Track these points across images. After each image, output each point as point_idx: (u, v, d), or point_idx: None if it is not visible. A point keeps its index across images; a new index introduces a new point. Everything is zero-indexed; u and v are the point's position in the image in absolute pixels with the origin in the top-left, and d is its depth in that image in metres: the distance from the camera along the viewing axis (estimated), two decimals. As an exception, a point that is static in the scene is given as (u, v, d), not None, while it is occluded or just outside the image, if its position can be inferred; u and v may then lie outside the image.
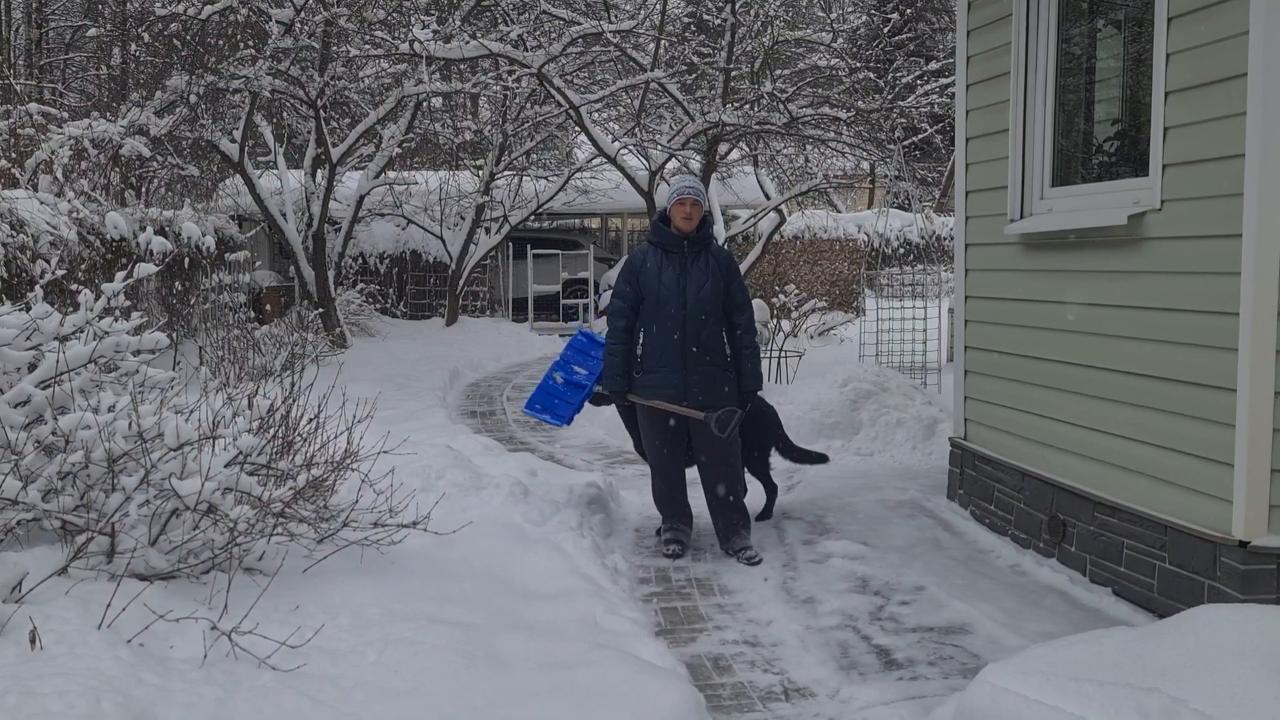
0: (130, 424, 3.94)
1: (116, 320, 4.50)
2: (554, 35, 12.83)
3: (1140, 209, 4.65)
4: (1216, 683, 2.81)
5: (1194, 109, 4.35)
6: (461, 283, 17.42)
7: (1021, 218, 5.66)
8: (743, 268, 10.87)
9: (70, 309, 4.47)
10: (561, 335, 17.80)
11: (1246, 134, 4.04)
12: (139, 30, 12.54)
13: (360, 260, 18.62)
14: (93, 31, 12.76)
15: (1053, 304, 5.41)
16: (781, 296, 12.29)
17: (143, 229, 8.20)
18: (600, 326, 18.34)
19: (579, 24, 12.01)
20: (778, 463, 7.51)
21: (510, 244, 19.19)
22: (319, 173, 14.96)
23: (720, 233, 15.74)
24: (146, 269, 4.61)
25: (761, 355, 6.55)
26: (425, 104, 15.51)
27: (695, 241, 5.57)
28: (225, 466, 4.02)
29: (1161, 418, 4.59)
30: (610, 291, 19.89)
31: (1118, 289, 4.88)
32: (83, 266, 8.05)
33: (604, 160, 13.94)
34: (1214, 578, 4.24)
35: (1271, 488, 4.04)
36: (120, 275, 4.57)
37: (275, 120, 16.13)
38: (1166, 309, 4.56)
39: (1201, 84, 4.29)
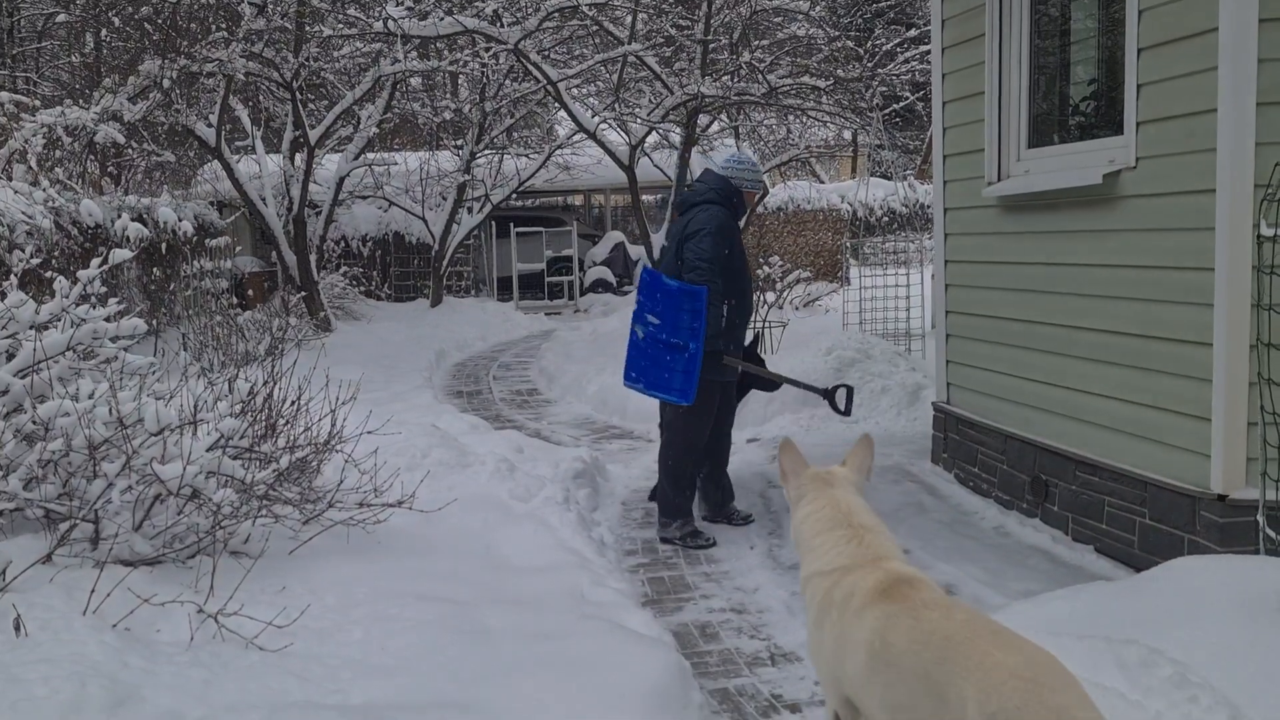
0: (110, 410, 3.93)
1: (94, 307, 4.47)
2: (530, 10, 12.73)
3: (1115, 167, 4.66)
4: (1192, 632, 2.85)
5: (1166, 65, 4.35)
6: (445, 263, 17.35)
7: (999, 180, 5.67)
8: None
9: (47, 297, 4.44)
10: (548, 314, 17.79)
11: (1219, 88, 4.04)
12: (110, 15, 12.40)
13: (343, 243, 18.53)
14: (62, 18, 12.58)
15: (1032, 265, 5.43)
16: (766, 268, 12.29)
17: (119, 216, 8.14)
18: (585, 304, 18.35)
19: (554, -2, 11.92)
20: (764, 432, 7.55)
21: (493, 223, 19.12)
22: (297, 156, 14.84)
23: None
24: (122, 255, 4.57)
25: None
26: (403, 84, 15.40)
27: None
28: (207, 450, 4.02)
29: (1140, 375, 4.62)
30: (596, 267, 19.58)
31: (1096, 248, 4.89)
32: (55, 254, 7.99)
33: (585, 136, 13.87)
34: (1193, 532, 4.28)
35: (1249, 441, 4.07)
36: (96, 262, 4.54)
37: (252, 104, 15.98)
38: (1143, 266, 4.58)
39: (1173, 39, 4.29)
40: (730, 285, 5.39)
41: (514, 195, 17.88)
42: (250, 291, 15.25)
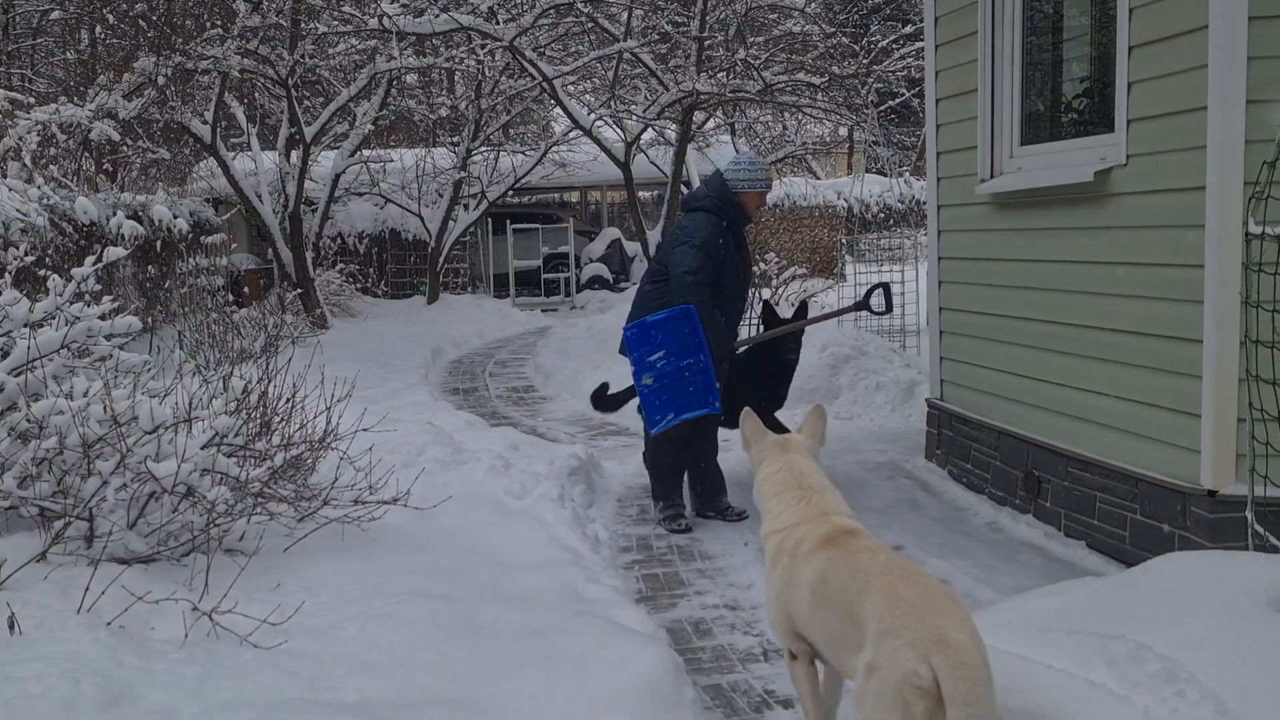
0: (105, 408, 3.94)
1: (88, 305, 4.48)
2: (525, 7, 12.72)
3: (1107, 165, 4.68)
4: (1181, 628, 2.87)
5: (1157, 63, 4.36)
6: (442, 260, 17.35)
7: (992, 177, 5.69)
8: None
9: (42, 295, 4.45)
10: (544, 311, 17.79)
11: (1209, 86, 4.06)
12: (105, 12, 12.38)
13: (339, 240, 18.51)
14: (57, 14, 12.56)
15: (1025, 262, 5.45)
16: (762, 265, 12.30)
17: (114, 213, 8.14)
18: (583, 300, 18.34)
19: (550, -5, 11.90)
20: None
21: (490, 220, 19.11)
22: (293, 153, 14.83)
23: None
24: (116, 253, 4.58)
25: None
26: (399, 80, 15.38)
27: (748, 221, 5.74)
28: (202, 448, 4.03)
29: (1132, 371, 4.64)
30: (592, 264, 19.61)
31: (1088, 245, 4.91)
32: (49, 252, 7.98)
33: (581, 133, 13.87)
34: (1183, 527, 4.30)
35: (1238, 437, 4.09)
36: (90, 260, 4.55)
37: (247, 101, 15.97)
38: (1134, 263, 4.59)
39: (1163, 37, 4.31)
40: (714, 294, 5.41)
41: (510, 192, 17.88)
42: (246, 289, 15.24)
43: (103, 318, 4.44)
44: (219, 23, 11.89)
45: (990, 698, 2.35)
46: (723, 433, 5.86)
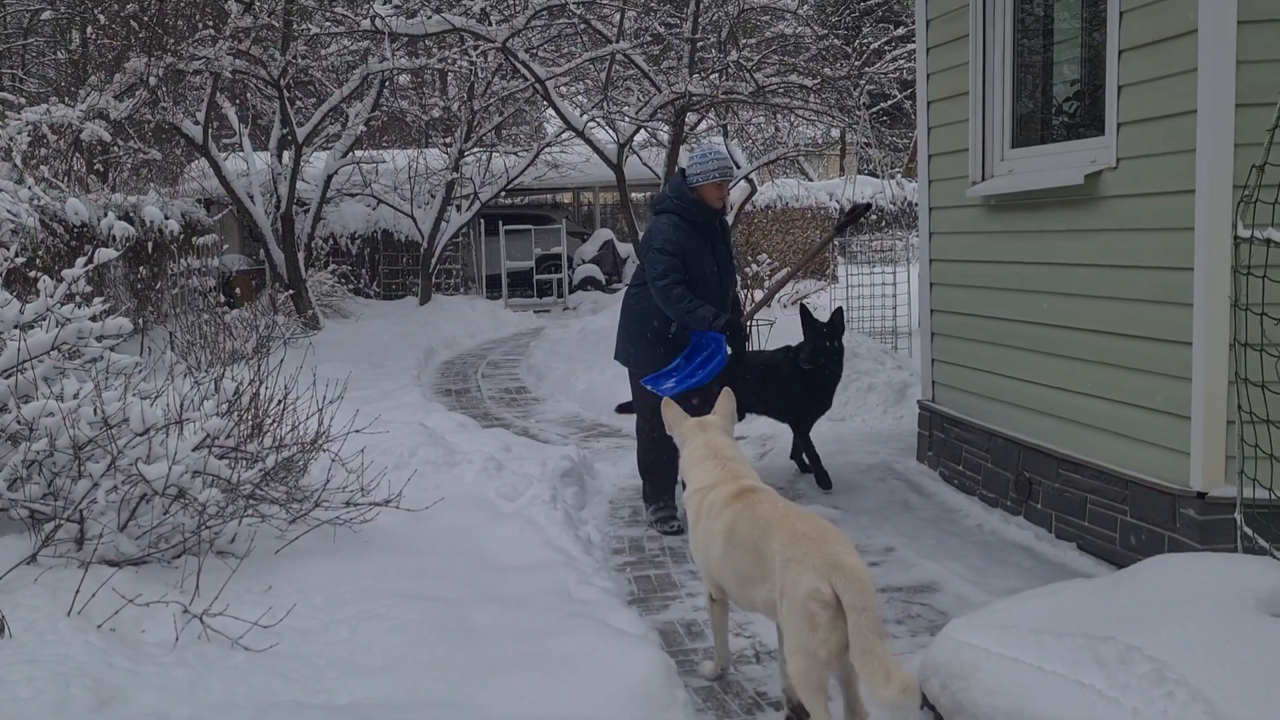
0: (95, 410, 3.93)
1: (79, 306, 4.47)
2: (518, 8, 12.72)
3: (1097, 168, 4.69)
4: (1170, 629, 2.87)
5: (1147, 66, 4.38)
6: (434, 261, 17.33)
7: (983, 180, 5.70)
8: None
9: (32, 296, 4.43)
10: (537, 312, 17.78)
11: (1198, 90, 4.08)
12: (96, 12, 12.34)
13: (331, 241, 18.48)
14: (48, 14, 12.51)
15: (1015, 264, 5.46)
16: (754, 266, 12.32)
17: (106, 214, 8.11)
18: (576, 301, 18.33)
19: (542, -4, 11.91)
20: (750, 430, 7.55)
21: (482, 221, 19.10)
22: (285, 154, 14.80)
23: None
24: (107, 254, 4.57)
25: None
26: (391, 81, 15.36)
27: (719, 214, 5.65)
28: (193, 450, 4.02)
29: (1122, 374, 4.66)
30: (585, 265, 19.53)
31: (1078, 248, 4.93)
32: (40, 253, 7.95)
33: (573, 134, 13.87)
34: (1173, 529, 4.32)
35: (1227, 439, 4.11)
36: (80, 261, 4.53)
37: (239, 101, 15.93)
38: (1125, 266, 4.61)
39: (1153, 41, 4.33)
40: (691, 289, 5.40)
41: (503, 193, 17.87)
42: (238, 290, 15.20)
43: (94, 319, 4.43)
44: (211, 23, 11.85)
45: (876, 607, 2.90)
46: (755, 436, 5.90)
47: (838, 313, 6.30)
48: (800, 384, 6.25)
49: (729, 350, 5.48)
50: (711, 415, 3.97)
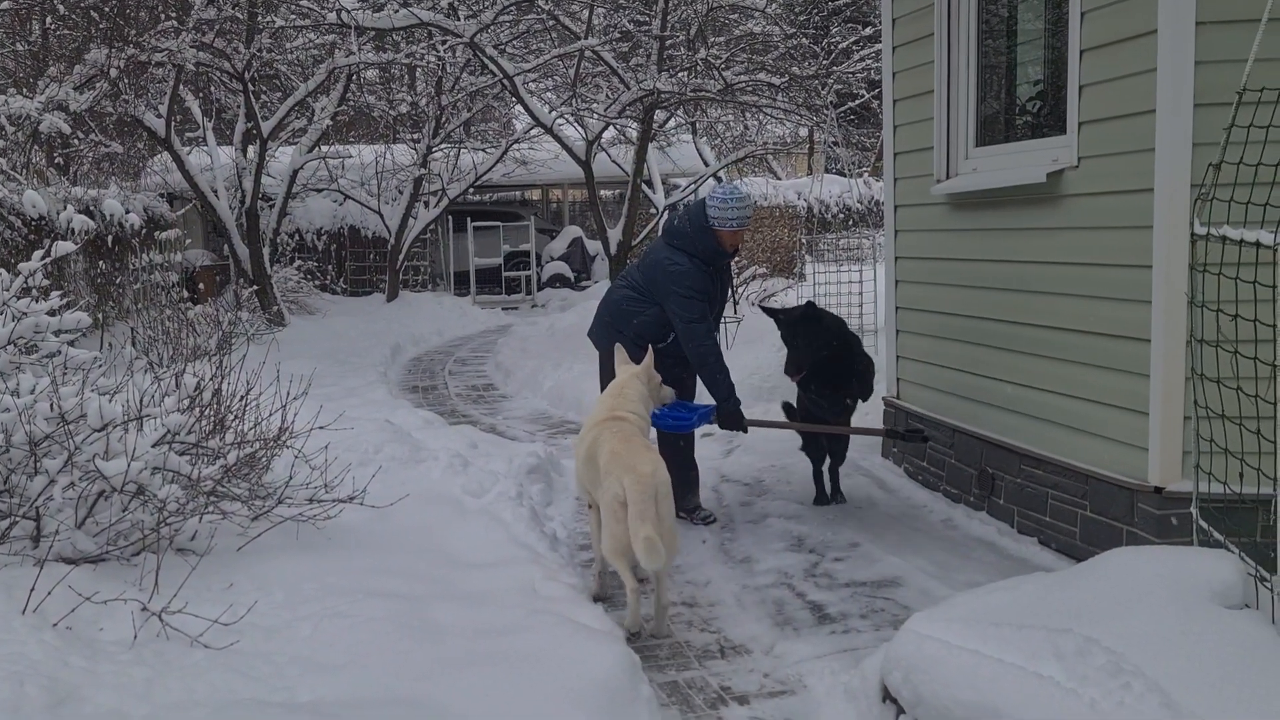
0: (52, 405, 3.86)
1: (36, 300, 4.40)
2: (486, 3, 12.66)
3: (1059, 166, 4.75)
4: (1126, 622, 2.92)
5: (1107, 66, 4.44)
6: (401, 257, 17.21)
7: (948, 178, 5.75)
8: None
9: (-13, 290, 4.35)
10: (505, 309, 17.71)
11: (1157, 89, 4.13)
12: (56, 2, 12.13)
13: (297, 237, 18.31)
14: (6, 4, 12.29)
15: (979, 262, 5.51)
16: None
17: (65, 208, 7.98)
18: (544, 298, 18.27)
19: (511, -9, 11.85)
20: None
21: (450, 217, 18.99)
22: (250, 148, 14.64)
23: (659, 201, 15.75)
24: (65, 247, 4.50)
25: None
26: (358, 76, 15.23)
27: (730, 257, 5.63)
28: (153, 446, 3.97)
29: (1083, 370, 4.71)
30: (553, 263, 19.47)
31: (1040, 245, 4.98)
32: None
33: (542, 131, 13.83)
34: (1132, 523, 4.38)
35: (1184, 434, 4.17)
36: (38, 254, 4.46)
37: (203, 94, 15.74)
38: (1086, 264, 4.67)
39: (1114, 41, 4.38)
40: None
41: (471, 189, 17.78)
42: (201, 285, 15.02)
43: (51, 313, 4.36)
44: (174, 15, 11.70)
45: (652, 505, 3.91)
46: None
47: (808, 306, 5.81)
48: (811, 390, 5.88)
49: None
50: (639, 365, 4.84)
